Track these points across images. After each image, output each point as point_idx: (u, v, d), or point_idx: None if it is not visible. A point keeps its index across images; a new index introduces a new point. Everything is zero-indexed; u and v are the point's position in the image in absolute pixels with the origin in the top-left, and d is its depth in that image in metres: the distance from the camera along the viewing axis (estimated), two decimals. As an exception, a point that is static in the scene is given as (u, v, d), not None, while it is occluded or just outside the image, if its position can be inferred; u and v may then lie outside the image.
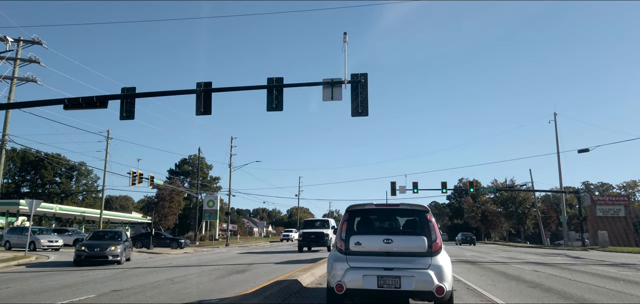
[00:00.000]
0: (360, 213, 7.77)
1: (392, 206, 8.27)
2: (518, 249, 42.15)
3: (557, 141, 52.42)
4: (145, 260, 23.00)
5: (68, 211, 71.46)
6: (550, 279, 13.32)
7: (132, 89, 18.70)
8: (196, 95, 18.26)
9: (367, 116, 17.63)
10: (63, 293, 10.68)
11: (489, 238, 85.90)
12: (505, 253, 31.60)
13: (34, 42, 29.47)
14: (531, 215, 72.18)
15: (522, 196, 70.63)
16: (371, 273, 6.87)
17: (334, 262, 7.28)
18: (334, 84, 17.72)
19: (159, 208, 63.93)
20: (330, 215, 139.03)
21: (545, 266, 18.86)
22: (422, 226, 7.33)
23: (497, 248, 46.18)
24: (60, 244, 33.10)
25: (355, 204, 7.79)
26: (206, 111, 18.20)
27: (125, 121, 18.99)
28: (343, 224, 7.55)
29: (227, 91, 18.99)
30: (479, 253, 30.51)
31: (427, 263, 6.90)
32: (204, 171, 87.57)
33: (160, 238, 39.07)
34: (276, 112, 18.03)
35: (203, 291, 10.64)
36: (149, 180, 43.47)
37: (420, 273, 6.78)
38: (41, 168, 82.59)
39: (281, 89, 17.93)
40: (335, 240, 7.82)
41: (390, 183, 48.25)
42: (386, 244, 7.13)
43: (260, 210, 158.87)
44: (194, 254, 27.13)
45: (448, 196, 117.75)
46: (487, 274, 14.35)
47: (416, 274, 6.78)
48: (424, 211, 7.45)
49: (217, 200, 60.32)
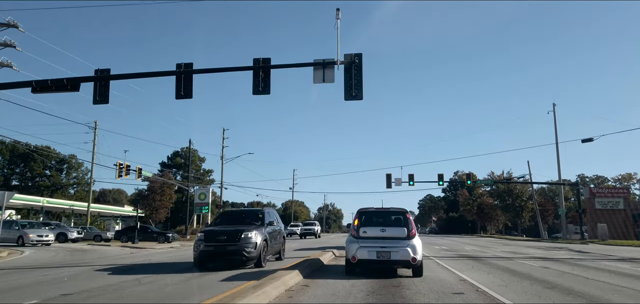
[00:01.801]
0: (366, 213, 12.08)
1: (385, 209, 13.00)
2: (517, 243, 40.97)
3: (555, 131, 51.18)
4: (124, 255, 21.54)
5: (56, 205, 69.69)
6: (564, 277, 12.01)
7: (106, 70, 17.19)
8: (176, 76, 16.78)
9: (362, 100, 16.25)
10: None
11: (485, 231, 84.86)
12: (505, 247, 30.37)
13: (9, 25, 27.78)
14: (528, 208, 70.83)
15: (519, 189, 69.20)
16: (373, 249, 10.96)
17: (350, 243, 11.40)
18: (326, 65, 16.26)
19: (149, 201, 62.27)
20: (325, 208, 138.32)
21: (552, 261, 17.58)
22: (404, 221, 11.58)
23: (495, 241, 44.99)
24: (50, 239, 31.40)
25: (363, 208, 12.26)
26: (187, 94, 16.72)
27: (99, 105, 17.45)
28: (355, 220, 11.80)
29: (209, 73, 17.50)
30: (479, 248, 29.25)
31: (406, 244, 10.94)
32: (197, 163, 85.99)
33: (147, 232, 37.56)
34: (267, 98, 16.53)
35: (168, 295, 9.21)
36: (136, 172, 41.84)
37: (402, 250, 10.85)
38: (31, 161, 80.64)
39: (268, 70, 16.47)
40: (350, 230, 12.38)
41: (386, 175, 46.89)
42: (382, 232, 11.32)
43: (255, 204, 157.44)
44: (179, 249, 25.67)
45: (443, 189, 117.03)
46: (495, 273, 13.01)
47: (400, 250, 10.86)
48: (405, 212, 11.84)
49: (209, 193, 58.83)
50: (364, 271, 11.76)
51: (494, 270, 13.71)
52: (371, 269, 11.76)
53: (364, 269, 11.66)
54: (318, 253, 18.13)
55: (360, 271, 11.73)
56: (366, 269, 11.73)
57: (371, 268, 11.57)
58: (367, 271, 11.76)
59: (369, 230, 11.38)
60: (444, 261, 16.96)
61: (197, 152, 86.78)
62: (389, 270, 11.87)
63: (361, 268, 11.58)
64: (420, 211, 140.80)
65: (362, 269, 11.64)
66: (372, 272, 11.72)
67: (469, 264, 15.97)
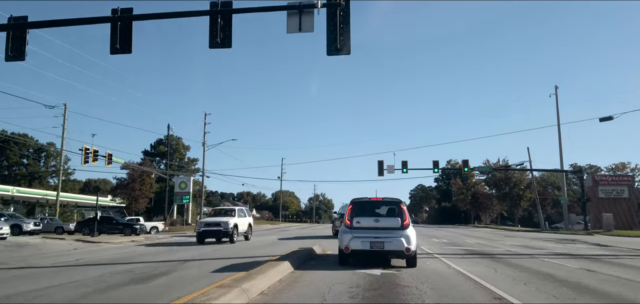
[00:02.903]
0: (360, 203, 11.97)
1: (379, 199, 12.59)
2: (521, 234, 37.72)
3: (557, 115, 47.89)
4: (64, 252, 17.81)
5: (27, 194, 65.48)
6: (631, 286, 8.63)
7: (22, 18, 13.40)
8: (111, 26, 13.04)
9: (349, 55, 12.59)
10: None
11: (479, 221, 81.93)
12: (512, 240, 27.07)
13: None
14: (526, 197, 67.35)
15: (517, 177, 65.63)
16: (366, 239, 10.92)
17: (343, 234, 11.39)
18: (303, 8, 12.57)
19: (129, 190, 58.37)
20: (315, 199, 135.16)
21: (584, 259, 14.26)
22: (398, 212, 11.55)
23: (494, 232, 41.79)
24: (5, 231, 26.74)
25: (356, 198, 12.12)
26: (125, 49, 12.99)
27: (14, 61, 13.63)
28: (349, 210, 11.76)
29: (154, 19, 13.72)
30: (484, 240, 25.88)
31: (400, 234, 10.90)
32: (181, 152, 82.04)
33: (112, 222, 33.72)
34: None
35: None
36: (106, 158, 37.89)
37: (396, 240, 10.82)
38: (7, 149, 76.13)
39: (229, 16, 12.78)
40: (343, 220, 12.05)
41: (378, 162, 43.45)
42: (375, 222, 11.36)
43: (245, 194, 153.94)
44: (139, 246, 21.91)
45: (436, 179, 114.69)
46: (529, 278, 9.59)
47: (394, 240, 10.82)
48: (399, 202, 11.86)
49: (190, 182, 55.03)
50: (357, 261, 11.50)
51: (523, 274, 10.28)
52: (364, 260, 11.42)
53: (357, 260, 11.50)
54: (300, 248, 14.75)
55: (354, 261, 11.51)
56: (359, 260, 11.50)
57: (364, 258, 11.33)
58: (360, 261, 11.46)
59: (362, 220, 11.31)
60: (453, 260, 13.51)
61: (181, 140, 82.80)
62: (383, 260, 11.50)
63: (355, 259, 11.47)
64: (412, 201, 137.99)
65: (356, 260, 11.49)
66: (365, 262, 11.31)
67: (485, 264, 12.54)
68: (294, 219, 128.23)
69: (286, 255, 12.78)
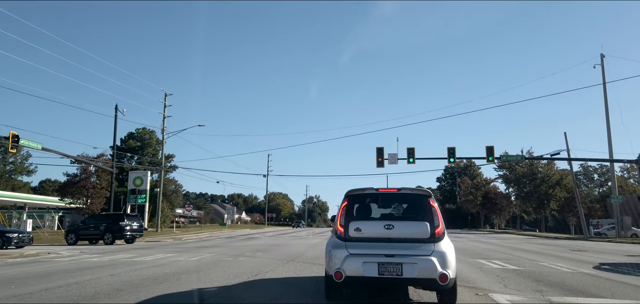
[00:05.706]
0: (360, 198, 7.14)
1: (393, 190, 7.31)
2: (571, 245, 28.50)
3: (604, 91, 38.31)
4: None
5: None
6: None
7: None
8: None
9: None
10: None
11: (491, 225, 72.50)
12: (564, 253, 18.04)
13: None
14: (556, 196, 54.84)
15: (544, 171, 55.48)
16: (372, 260, 6.26)
17: (333, 249, 6.62)
18: None
19: (80, 189, 49.20)
20: (308, 201, 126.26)
21: None
22: (425, 211, 6.65)
23: (528, 240, 32.58)
24: None
25: (354, 189, 7.14)
26: None
27: None
28: (341, 210, 6.88)
29: None
30: (522, 253, 16.89)
31: (429, 250, 6.24)
32: (155, 146, 72.95)
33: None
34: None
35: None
36: (8, 140, 28.54)
37: (423, 260, 6.15)
38: (-50, 144, 66.97)
39: None
40: (334, 226, 7.07)
41: (377, 149, 34.24)
42: (387, 230, 6.48)
43: (236, 196, 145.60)
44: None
45: (438, 178, 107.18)
46: None
47: (419, 260, 6.15)
48: (427, 196, 6.85)
49: (147, 177, 45.88)
50: (355, 293, 7.50)
51: None
52: (368, 292, 7.56)
53: (357, 290, 7.64)
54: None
55: (350, 293, 7.44)
56: (360, 292, 7.57)
57: (368, 289, 7.62)
58: (361, 293, 7.50)
59: (365, 226, 6.60)
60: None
61: (154, 134, 73.51)
62: (399, 292, 7.51)
63: (352, 289, 7.54)
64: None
65: (354, 290, 7.58)
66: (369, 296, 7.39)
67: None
68: (285, 222, 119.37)
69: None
